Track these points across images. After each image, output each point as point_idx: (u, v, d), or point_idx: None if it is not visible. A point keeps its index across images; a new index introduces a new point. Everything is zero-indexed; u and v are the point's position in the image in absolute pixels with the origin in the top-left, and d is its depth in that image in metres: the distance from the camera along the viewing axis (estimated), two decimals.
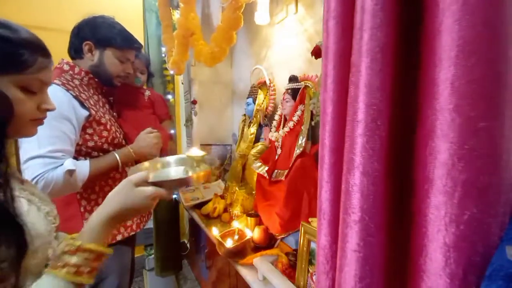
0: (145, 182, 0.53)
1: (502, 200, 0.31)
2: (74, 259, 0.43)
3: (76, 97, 0.84)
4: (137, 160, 1.05)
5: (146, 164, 0.68)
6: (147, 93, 1.29)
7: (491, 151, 0.30)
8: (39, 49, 0.47)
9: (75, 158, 0.85)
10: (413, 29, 0.36)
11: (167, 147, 1.31)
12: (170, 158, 0.71)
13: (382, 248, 0.37)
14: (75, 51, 0.93)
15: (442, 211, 0.31)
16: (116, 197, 0.51)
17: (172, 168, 0.69)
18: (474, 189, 0.30)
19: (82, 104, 0.85)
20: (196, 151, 0.66)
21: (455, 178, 0.30)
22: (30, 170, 0.73)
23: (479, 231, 0.30)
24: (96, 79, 0.96)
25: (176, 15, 1.50)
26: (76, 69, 0.91)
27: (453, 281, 0.30)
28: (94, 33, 0.91)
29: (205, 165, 0.67)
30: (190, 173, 0.63)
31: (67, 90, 0.83)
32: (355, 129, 0.37)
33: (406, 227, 0.37)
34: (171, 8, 1.59)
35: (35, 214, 0.47)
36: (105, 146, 0.92)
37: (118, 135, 0.98)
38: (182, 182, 0.59)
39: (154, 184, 0.53)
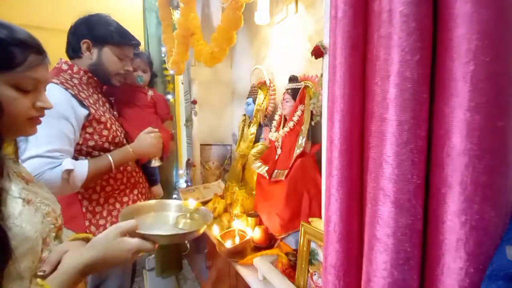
0: (133, 232, 0.51)
1: (506, 200, 0.30)
2: None
3: (75, 96, 0.84)
4: (138, 159, 1.05)
5: (142, 203, 0.69)
6: (150, 92, 1.29)
7: (505, 151, 0.28)
8: (30, 47, 0.46)
9: (76, 157, 0.85)
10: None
11: (169, 147, 1.31)
12: (165, 202, 0.71)
13: (419, 268, 0.33)
14: (73, 50, 0.92)
15: (462, 217, 0.28)
16: (97, 244, 0.50)
17: (165, 214, 0.68)
18: (492, 193, 0.28)
19: (81, 103, 0.85)
20: (192, 202, 0.65)
21: (475, 181, 0.27)
22: (28, 170, 0.73)
23: (494, 236, 0.28)
24: (95, 78, 0.95)
25: (176, 15, 1.50)
26: (75, 68, 0.91)
27: None
28: (91, 31, 0.90)
29: (199, 216, 0.66)
30: (180, 226, 0.62)
31: (66, 89, 0.82)
32: (387, 128, 0.32)
33: (423, 235, 0.34)
34: (171, 8, 1.59)
35: (28, 216, 0.45)
36: (106, 145, 0.91)
37: (119, 134, 0.97)
38: (172, 239, 0.57)
39: (141, 236, 0.52)
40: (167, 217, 0.67)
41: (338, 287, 0.41)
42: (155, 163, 1.08)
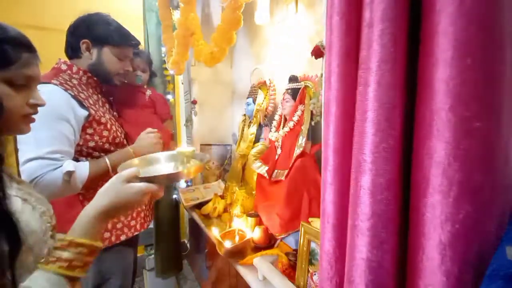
0: (135, 178, 0.53)
1: (500, 200, 0.31)
2: (66, 254, 0.44)
3: (74, 97, 0.83)
4: None
5: (136, 160, 0.68)
6: (148, 92, 1.29)
7: (486, 151, 0.30)
8: (23, 45, 0.47)
9: (76, 158, 0.85)
10: (412, 30, 0.35)
11: (169, 146, 1.31)
12: (160, 155, 0.72)
13: (394, 254, 0.36)
14: (72, 50, 0.92)
15: (438, 210, 0.31)
16: (106, 193, 0.51)
17: (163, 164, 0.70)
18: (469, 188, 0.30)
19: (81, 104, 0.84)
20: (186, 147, 0.68)
21: (450, 177, 0.30)
22: (28, 172, 0.72)
23: (475, 230, 0.30)
24: (95, 78, 0.95)
25: (176, 15, 1.50)
26: (74, 69, 0.90)
27: (449, 279, 0.30)
28: (90, 31, 0.90)
29: (196, 160, 0.68)
30: (180, 169, 0.64)
31: (65, 90, 0.82)
32: (365, 129, 0.36)
33: (406, 227, 0.37)
34: (171, 8, 1.59)
35: (29, 213, 0.47)
36: (106, 146, 0.91)
37: (119, 135, 0.97)
38: (172, 177, 0.59)
39: (145, 180, 0.53)
40: (162, 167, 0.69)
41: (330, 272, 0.45)
42: None
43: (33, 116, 0.52)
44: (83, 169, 0.81)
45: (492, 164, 0.30)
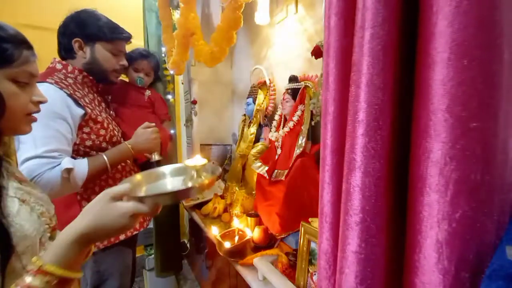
0: (127, 197, 0.46)
1: (498, 199, 0.31)
2: (34, 281, 0.37)
3: (70, 95, 0.83)
4: (136, 156, 1.04)
5: (138, 176, 0.58)
6: (147, 92, 1.28)
7: (483, 150, 0.30)
8: (22, 43, 0.48)
9: (74, 158, 0.84)
10: (410, 30, 0.36)
11: (168, 147, 1.30)
12: (166, 169, 0.62)
13: (383, 249, 0.38)
14: (65, 51, 0.91)
15: (435, 208, 0.31)
16: (90, 212, 0.44)
17: (168, 179, 0.60)
18: (466, 188, 0.30)
19: (77, 102, 0.84)
20: (196, 160, 0.57)
21: (447, 176, 0.30)
22: (27, 171, 0.72)
23: (472, 229, 0.31)
24: (90, 77, 0.94)
25: (176, 15, 1.50)
26: (69, 68, 0.90)
27: (446, 277, 0.31)
28: (81, 29, 0.89)
29: (207, 174, 0.58)
30: (189, 184, 0.55)
31: (61, 88, 0.82)
32: (356, 129, 0.37)
33: (402, 225, 0.38)
34: (171, 8, 1.58)
35: (25, 215, 0.46)
36: (104, 144, 0.91)
37: (116, 133, 0.97)
38: (176, 196, 0.49)
39: (136, 199, 0.45)
40: (170, 182, 0.60)
41: (329, 271, 0.46)
42: (155, 157, 1.05)
43: (34, 115, 0.53)
44: (82, 166, 0.81)
45: (489, 163, 0.31)
